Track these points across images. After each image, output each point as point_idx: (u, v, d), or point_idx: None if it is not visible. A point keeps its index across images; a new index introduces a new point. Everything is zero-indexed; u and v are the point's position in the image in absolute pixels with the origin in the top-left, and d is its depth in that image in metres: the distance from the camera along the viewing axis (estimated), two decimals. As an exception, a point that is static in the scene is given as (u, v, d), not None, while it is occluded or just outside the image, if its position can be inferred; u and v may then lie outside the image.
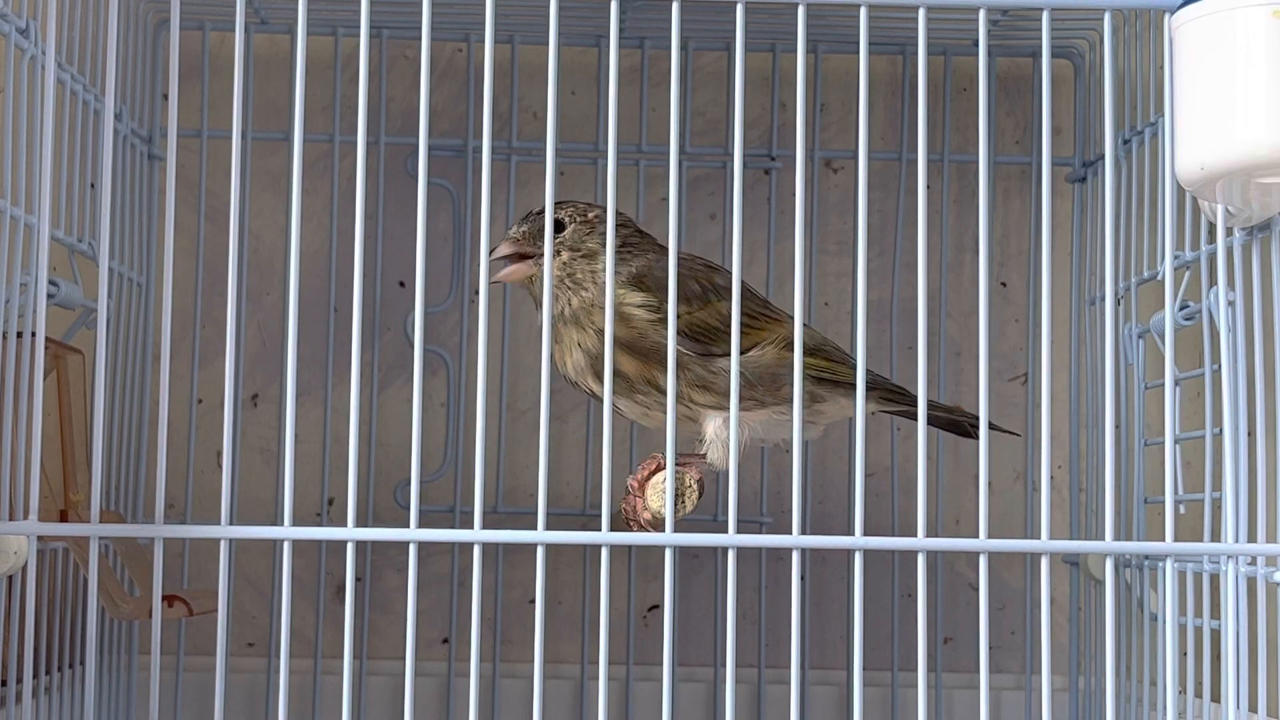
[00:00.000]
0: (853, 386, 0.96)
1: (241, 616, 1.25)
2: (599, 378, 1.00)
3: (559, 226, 1.04)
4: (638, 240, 1.06)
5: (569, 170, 1.28)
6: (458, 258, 1.26)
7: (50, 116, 0.91)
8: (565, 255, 1.03)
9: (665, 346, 0.93)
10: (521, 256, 1.04)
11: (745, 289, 1.04)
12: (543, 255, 0.98)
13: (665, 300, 0.95)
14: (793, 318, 1.03)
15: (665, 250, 1.04)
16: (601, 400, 0.96)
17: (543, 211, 1.03)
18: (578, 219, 1.05)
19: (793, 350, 0.99)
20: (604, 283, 0.99)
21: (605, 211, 0.92)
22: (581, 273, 1.03)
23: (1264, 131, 0.85)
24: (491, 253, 1.02)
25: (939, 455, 1.24)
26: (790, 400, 0.93)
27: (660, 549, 0.91)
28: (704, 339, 1.01)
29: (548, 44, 0.91)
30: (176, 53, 0.92)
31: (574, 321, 1.03)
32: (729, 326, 0.92)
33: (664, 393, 0.95)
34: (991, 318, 1.22)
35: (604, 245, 1.01)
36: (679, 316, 0.97)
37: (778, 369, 1.02)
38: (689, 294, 1.01)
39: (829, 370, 1.04)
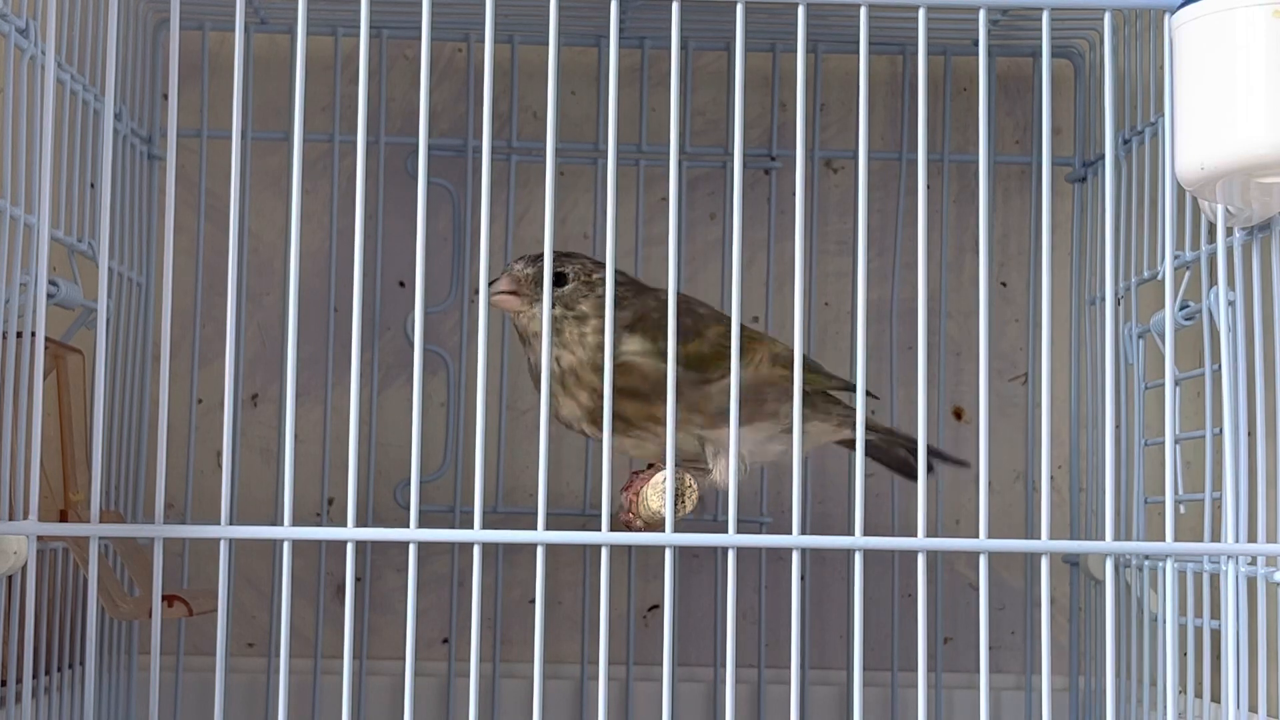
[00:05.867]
0: (834, 405, 1.04)
1: (241, 616, 1.25)
2: (595, 423, 0.99)
3: (560, 280, 1.01)
4: (631, 293, 1.03)
5: (569, 170, 1.28)
6: (458, 258, 1.26)
7: (50, 116, 0.91)
8: (558, 310, 1.01)
9: (667, 381, 0.92)
10: (517, 295, 1.02)
11: (721, 313, 1.05)
12: (538, 301, 0.98)
13: (662, 339, 0.96)
14: (771, 336, 1.05)
15: (654, 292, 1.04)
16: (595, 439, 0.97)
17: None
18: (581, 277, 1.02)
19: (778, 366, 1.02)
20: (591, 345, 0.99)
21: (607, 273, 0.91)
22: (570, 333, 1.01)
23: (1264, 131, 0.85)
24: (492, 283, 1.01)
25: (939, 455, 1.25)
26: (775, 415, 1.01)
27: (660, 549, 0.91)
28: (699, 368, 1.00)
29: (548, 44, 0.91)
30: (176, 53, 0.92)
31: (561, 381, 1.01)
32: (718, 351, 0.97)
33: (661, 423, 0.94)
34: (991, 318, 1.22)
35: (598, 310, 1.00)
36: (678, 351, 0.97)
37: (763, 385, 1.02)
38: (683, 329, 0.98)
39: (815, 383, 1.05)
